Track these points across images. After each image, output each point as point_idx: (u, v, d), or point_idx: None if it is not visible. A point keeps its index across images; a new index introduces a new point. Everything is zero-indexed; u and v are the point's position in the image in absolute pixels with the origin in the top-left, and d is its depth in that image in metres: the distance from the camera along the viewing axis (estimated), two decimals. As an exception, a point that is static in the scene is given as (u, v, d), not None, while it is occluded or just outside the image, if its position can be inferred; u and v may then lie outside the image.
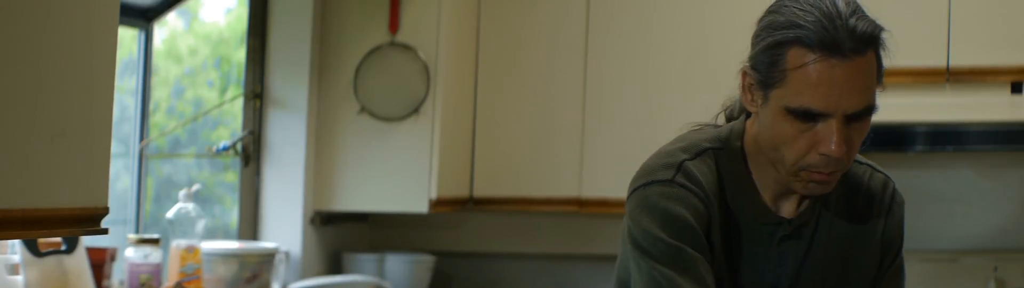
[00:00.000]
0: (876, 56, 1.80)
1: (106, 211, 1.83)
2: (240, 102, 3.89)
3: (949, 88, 3.78)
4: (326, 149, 3.90)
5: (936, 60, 3.77)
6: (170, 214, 3.30)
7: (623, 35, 4.01)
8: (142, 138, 3.52)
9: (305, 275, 3.88)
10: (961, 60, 3.76)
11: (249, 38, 3.90)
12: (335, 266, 4.08)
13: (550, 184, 4.04)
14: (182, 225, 3.29)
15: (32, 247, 2.75)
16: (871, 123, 1.84)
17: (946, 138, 3.80)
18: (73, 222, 1.78)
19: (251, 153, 3.89)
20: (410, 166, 3.83)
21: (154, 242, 3.20)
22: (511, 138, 4.07)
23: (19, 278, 2.72)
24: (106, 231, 1.84)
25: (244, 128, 3.88)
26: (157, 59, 3.60)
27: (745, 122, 1.95)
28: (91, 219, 1.81)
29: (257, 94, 3.91)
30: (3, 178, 1.65)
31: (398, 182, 3.84)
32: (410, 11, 3.85)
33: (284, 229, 3.89)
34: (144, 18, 3.54)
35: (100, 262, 3.03)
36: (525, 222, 4.34)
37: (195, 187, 3.36)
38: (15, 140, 1.68)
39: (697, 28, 3.95)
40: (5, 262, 2.71)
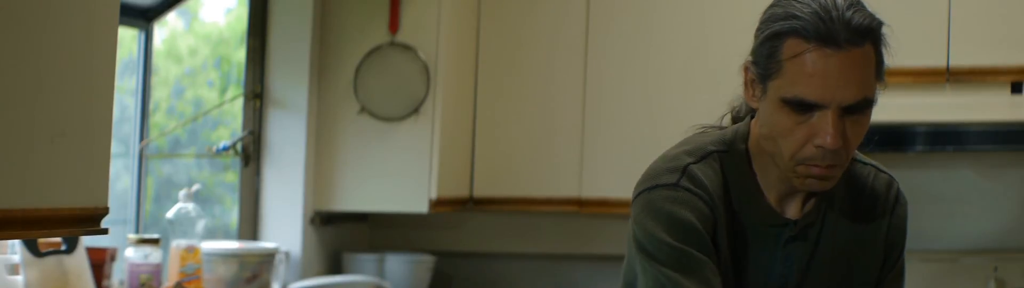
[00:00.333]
0: (876, 50, 1.80)
1: (106, 211, 1.83)
2: (240, 102, 3.89)
3: (949, 88, 3.78)
4: (326, 149, 3.90)
5: (936, 60, 3.77)
6: (170, 214, 3.30)
7: (623, 35, 4.01)
8: (142, 138, 3.52)
9: (305, 275, 3.88)
10: (961, 60, 3.76)
11: (249, 38, 3.90)
12: (335, 266, 4.08)
13: (550, 184, 4.04)
14: (182, 225, 3.29)
15: (32, 247, 2.75)
16: (872, 123, 1.84)
17: (946, 138, 3.80)
18: (73, 222, 1.78)
19: (251, 153, 3.89)
20: (410, 166, 3.83)
21: (154, 242, 3.20)
22: (511, 138, 4.07)
23: (19, 278, 2.72)
24: (106, 231, 1.84)
25: (244, 128, 3.88)
26: (157, 59, 3.60)
27: (750, 124, 1.95)
28: (91, 219, 1.81)
29: (257, 94, 3.91)
30: (3, 178, 1.65)
31: (398, 182, 3.84)
32: (410, 11, 3.85)
33: (284, 229, 3.89)
34: (144, 18, 3.54)
35: (100, 262, 3.03)
36: (525, 222, 4.34)
37: (195, 187, 3.36)
38: (15, 140, 1.68)
39: (697, 28, 3.95)
40: (5, 262, 2.71)
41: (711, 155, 1.93)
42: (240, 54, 3.92)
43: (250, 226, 3.90)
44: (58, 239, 2.82)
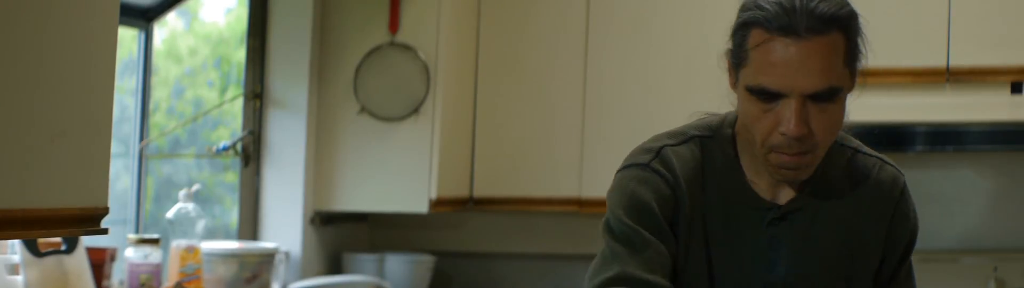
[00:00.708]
0: (846, 38, 1.81)
1: (106, 211, 1.83)
2: (240, 102, 3.89)
3: (949, 88, 3.78)
4: (326, 149, 3.90)
5: (936, 60, 3.77)
6: (170, 214, 3.31)
7: (623, 35, 4.01)
8: (142, 138, 3.52)
9: (305, 275, 3.88)
10: (961, 60, 3.76)
11: (249, 38, 3.90)
12: (335, 266, 4.08)
13: (550, 184, 4.04)
14: (182, 225, 3.29)
15: (32, 247, 2.75)
16: (871, 123, 1.85)
17: (946, 138, 3.80)
18: (73, 222, 1.78)
19: (251, 153, 3.89)
20: (410, 166, 3.83)
21: (154, 242, 3.20)
22: (511, 138, 4.07)
23: (19, 278, 2.72)
24: (106, 231, 1.84)
25: (244, 128, 3.88)
26: (157, 59, 3.60)
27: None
28: (91, 219, 1.81)
29: (257, 94, 3.91)
30: (3, 178, 1.65)
31: (398, 182, 3.84)
32: (410, 11, 3.85)
33: (284, 229, 3.89)
34: (144, 18, 3.54)
35: (100, 262, 3.03)
36: (525, 222, 4.34)
37: (195, 187, 3.36)
38: (15, 140, 1.68)
39: (697, 27, 3.95)
40: (5, 262, 2.71)
41: (693, 139, 2.00)
42: (240, 54, 3.92)
43: (250, 226, 3.90)
44: (58, 239, 2.82)
